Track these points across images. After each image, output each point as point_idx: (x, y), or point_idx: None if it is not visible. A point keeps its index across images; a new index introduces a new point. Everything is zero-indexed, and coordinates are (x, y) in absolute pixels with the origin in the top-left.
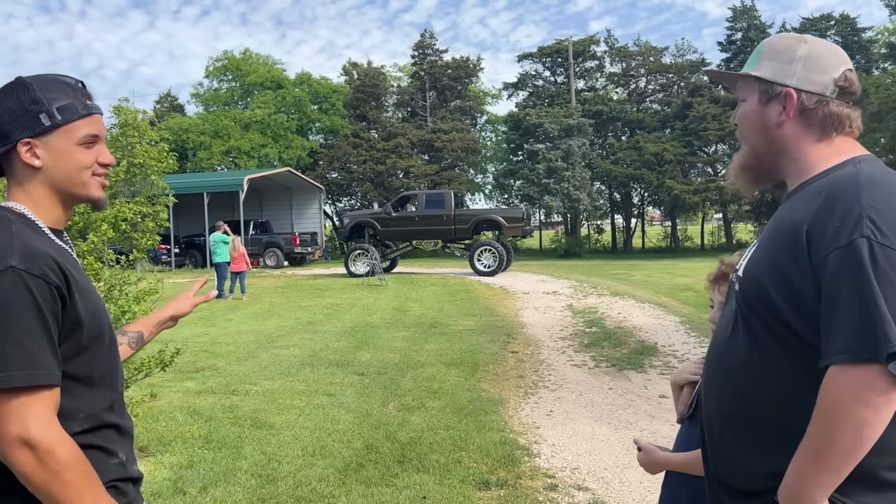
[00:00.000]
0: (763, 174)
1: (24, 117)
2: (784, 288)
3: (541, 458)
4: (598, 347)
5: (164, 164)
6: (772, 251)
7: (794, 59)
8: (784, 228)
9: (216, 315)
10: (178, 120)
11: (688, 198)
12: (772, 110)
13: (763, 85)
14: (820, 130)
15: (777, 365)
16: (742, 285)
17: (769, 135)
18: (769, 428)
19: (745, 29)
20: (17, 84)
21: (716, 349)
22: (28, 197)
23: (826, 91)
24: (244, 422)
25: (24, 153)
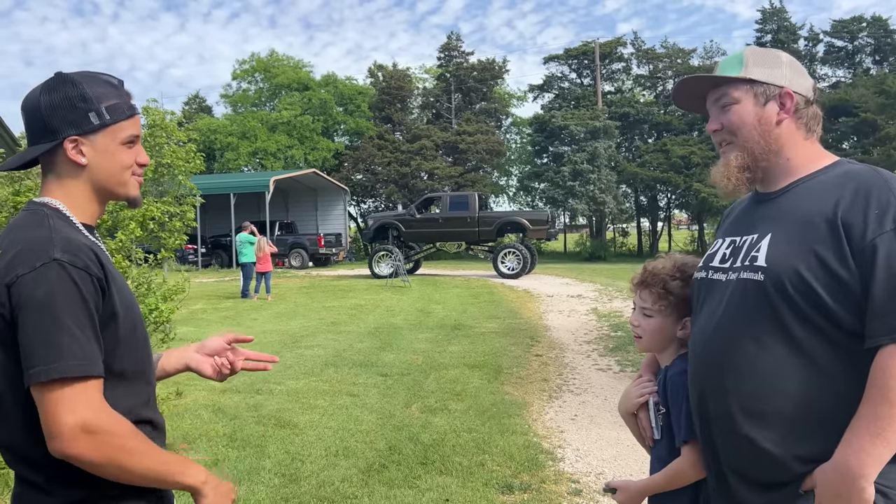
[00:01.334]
0: (758, 173)
1: (72, 114)
2: (824, 275)
3: (565, 462)
4: (623, 352)
5: (191, 164)
6: (803, 240)
7: (782, 64)
8: (810, 219)
9: (241, 314)
10: (206, 121)
11: (715, 201)
12: (770, 109)
13: (759, 87)
14: (806, 130)
15: (808, 353)
16: (770, 275)
17: (769, 133)
18: (799, 417)
19: (774, 31)
20: (63, 80)
21: (725, 347)
22: (65, 193)
23: (810, 94)
24: (268, 421)
25: (71, 151)
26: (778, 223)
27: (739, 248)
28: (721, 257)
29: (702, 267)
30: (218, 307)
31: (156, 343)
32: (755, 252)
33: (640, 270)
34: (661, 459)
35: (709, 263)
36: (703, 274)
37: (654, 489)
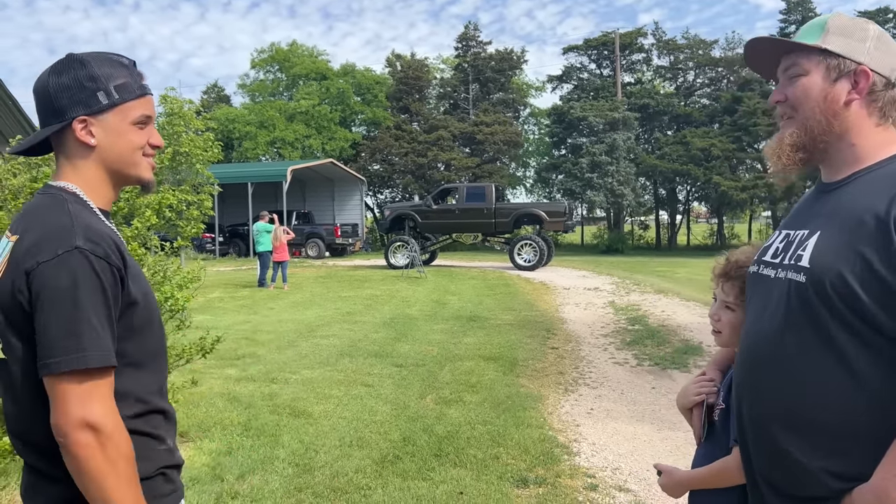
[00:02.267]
0: (816, 155)
1: (80, 94)
2: (869, 279)
3: (581, 456)
4: (640, 345)
5: (209, 153)
6: (850, 241)
7: (867, 38)
8: (861, 216)
9: (258, 303)
10: (224, 110)
11: (735, 195)
12: (841, 88)
13: (833, 59)
14: (879, 115)
15: (848, 362)
16: (812, 278)
17: (835, 113)
18: (835, 429)
19: (799, 22)
20: (73, 60)
21: (763, 348)
22: (80, 176)
23: (893, 75)
24: (283, 410)
25: (80, 131)
26: (830, 219)
27: (791, 244)
28: (774, 251)
29: (756, 260)
30: (235, 296)
31: (171, 331)
32: (801, 251)
33: (723, 261)
34: (704, 456)
35: (762, 257)
36: (755, 268)
37: (696, 482)
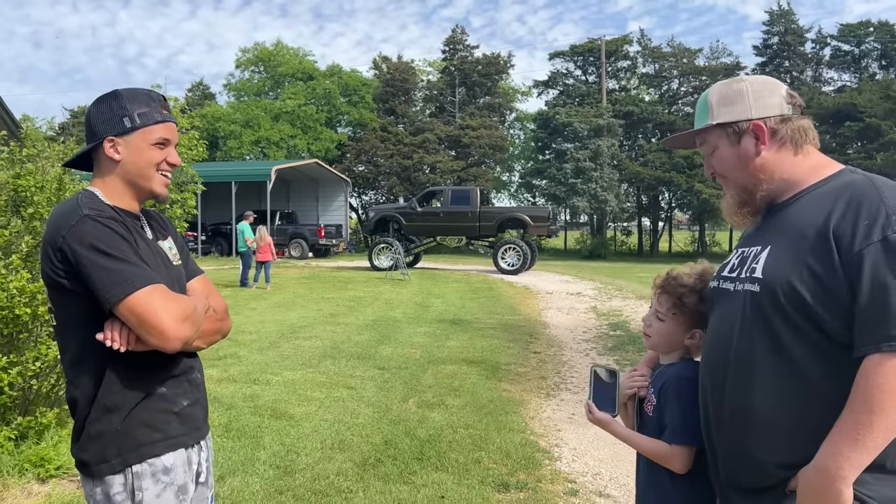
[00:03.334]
0: (759, 203)
1: (111, 119)
2: (815, 286)
3: (562, 461)
4: (622, 351)
5: (193, 151)
6: (796, 252)
7: (743, 96)
8: (804, 230)
9: (240, 304)
10: (209, 108)
11: (717, 203)
12: (746, 145)
13: (728, 128)
14: (793, 146)
15: (798, 363)
16: (765, 287)
17: (752, 167)
18: (788, 424)
19: (781, 33)
20: (112, 94)
21: (724, 353)
22: (102, 182)
23: (783, 110)
24: (264, 412)
25: (108, 148)
26: (778, 235)
27: (745, 259)
28: (730, 267)
29: (716, 276)
30: None
31: None
32: (755, 263)
33: (664, 275)
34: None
35: (720, 273)
36: (716, 283)
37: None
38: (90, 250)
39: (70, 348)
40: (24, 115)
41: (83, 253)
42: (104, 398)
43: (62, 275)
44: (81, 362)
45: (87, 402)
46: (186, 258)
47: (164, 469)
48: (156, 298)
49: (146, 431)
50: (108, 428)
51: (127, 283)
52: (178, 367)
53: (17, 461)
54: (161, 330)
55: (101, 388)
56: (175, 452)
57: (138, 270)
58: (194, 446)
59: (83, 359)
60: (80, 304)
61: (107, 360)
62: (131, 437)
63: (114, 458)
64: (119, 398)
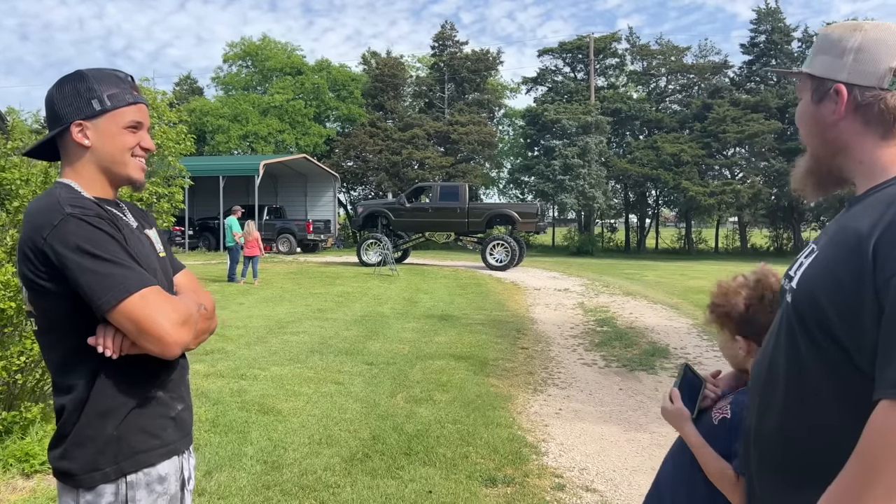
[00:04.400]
0: (827, 178)
1: (77, 102)
2: (839, 301)
3: (549, 456)
4: (608, 347)
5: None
6: (830, 262)
7: (846, 51)
8: (846, 239)
9: (227, 298)
10: (197, 102)
11: (703, 200)
12: (825, 109)
13: (815, 82)
14: (881, 127)
15: (816, 386)
16: (795, 296)
17: (826, 135)
18: (803, 453)
19: (768, 32)
20: (76, 74)
21: (761, 367)
22: (75, 172)
23: (882, 83)
24: (251, 407)
25: (76, 133)
26: (829, 238)
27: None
28: (797, 266)
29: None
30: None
31: None
32: (798, 270)
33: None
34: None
35: (788, 270)
36: (783, 281)
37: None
38: (77, 253)
39: (56, 351)
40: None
41: (69, 256)
42: (97, 402)
43: (44, 277)
44: (70, 365)
45: (76, 407)
46: (170, 253)
47: (158, 478)
48: (152, 302)
49: (143, 438)
50: (100, 434)
51: (120, 288)
52: (175, 370)
53: (2, 456)
54: (160, 336)
55: (94, 391)
56: (170, 460)
57: (131, 273)
58: (185, 452)
59: (72, 362)
60: (66, 307)
61: (100, 363)
62: (128, 444)
63: (108, 465)
64: (114, 402)
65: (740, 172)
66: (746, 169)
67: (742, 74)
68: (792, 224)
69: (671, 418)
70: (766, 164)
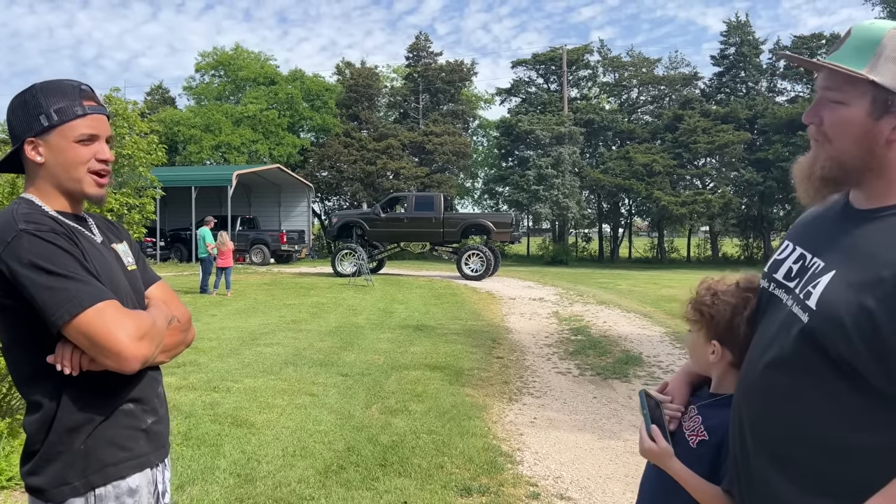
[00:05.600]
0: (845, 188)
1: (27, 119)
2: (872, 339)
3: (524, 465)
4: (583, 355)
5: (152, 156)
6: (860, 292)
7: None
8: (880, 269)
9: (200, 310)
10: (169, 112)
11: (675, 209)
12: (885, 125)
13: (881, 94)
14: None
15: (841, 404)
16: (815, 321)
17: (872, 151)
18: (821, 468)
19: (738, 44)
20: (26, 91)
21: (758, 374)
22: (37, 189)
23: None
24: (224, 419)
25: (29, 151)
26: (848, 258)
27: (805, 270)
28: (787, 272)
29: (766, 274)
30: None
31: None
32: (812, 287)
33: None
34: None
35: (773, 273)
36: (766, 284)
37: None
38: (30, 269)
39: (21, 369)
40: None
41: (22, 272)
42: (64, 418)
43: (2, 294)
44: (35, 382)
45: (44, 424)
46: (144, 265)
47: (128, 491)
48: (107, 316)
49: (112, 450)
50: (68, 448)
51: (73, 302)
52: (144, 382)
53: None
54: (117, 351)
55: (60, 408)
56: (142, 473)
57: (85, 287)
58: (159, 465)
59: (37, 378)
60: (25, 324)
61: (63, 380)
62: (95, 457)
63: (76, 479)
64: (81, 416)
65: (711, 182)
66: (717, 179)
67: (712, 86)
68: (762, 233)
69: (656, 458)
70: (736, 174)
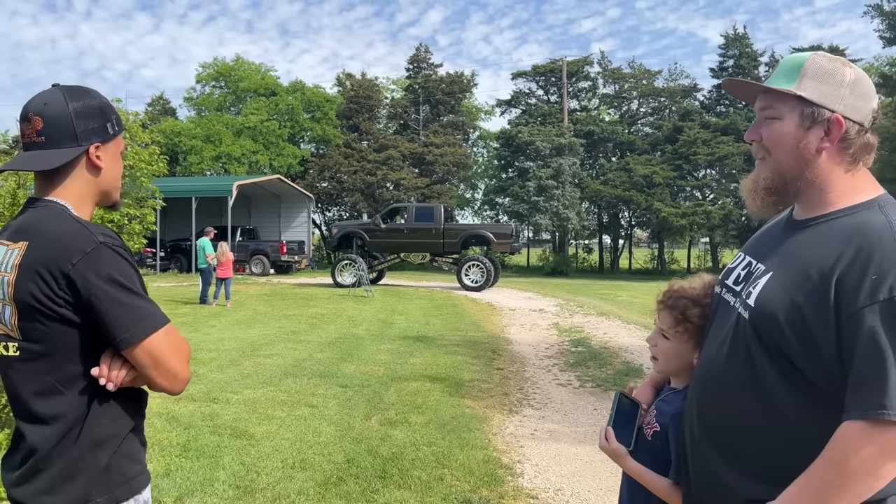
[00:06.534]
0: (787, 198)
1: (95, 122)
2: (801, 330)
3: (524, 477)
4: (583, 367)
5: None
6: (792, 289)
7: (843, 84)
8: (808, 269)
9: (199, 321)
10: (170, 123)
11: (675, 221)
12: (814, 135)
13: (808, 107)
14: (851, 161)
15: (777, 396)
16: (753, 316)
17: (803, 159)
18: (759, 455)
19: (736, 56)
20: (85, 91)
21: (709, 375)
22: (68, 194)
23: (866, 121)
24: (224, 431)
25: (94, 156)
26: (784, 262)
27: (750, 275)
28: (736, 277)
29: (720, 281)
30: (176, 312)
31: None
32: (752, 287)
33: (666, 288)
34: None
35: (725, 280)
36: (719, 290)
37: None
38: (108, 283)
39: (43, 379)
40: None
41: (99, 285)
42: (92, 432)
43: (61, 303)
44: (58, 394)
45: (63, 438)
46: None
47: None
48: (172, 339)
49: (131, 464)
50: (93, 465)
51: (147, 322)
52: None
53: None
54: (175, 373)
55: (88, 421)
56: (148, 486)
57: (153, 308)
58: None
59: (61, 391)
60: (75, 335)
61: (95, 392)
62: (119, 472)
63: (100, 496)
64: (110, 430)
65: (711, 194)
66: (717, 190)
67: (712, 98)
68: None
69: (611, 456)
70: (736, 185)
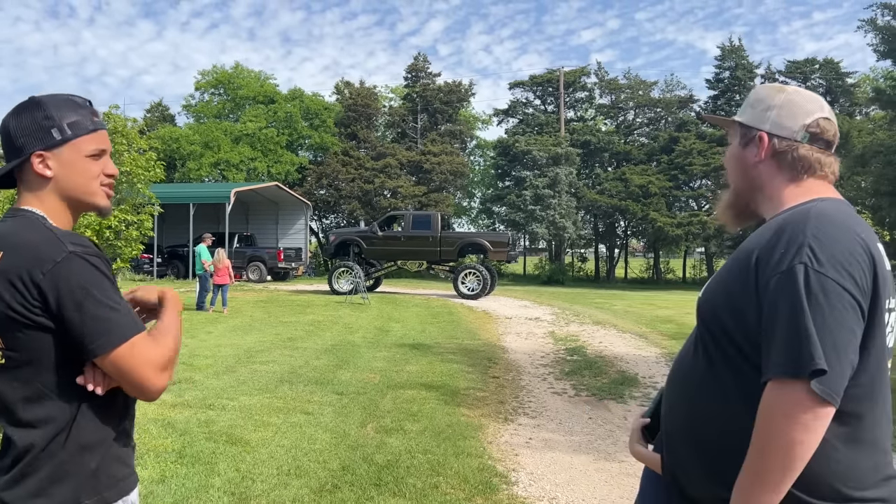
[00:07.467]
0: (744, 211)
1: (37, 132)
2: (731, 307)
3: (519, 486)
4: (578, 376)
5: (151, 173)
6: (725, 276)
7: (770, 107)
8: (738, 256)
9: (196, 327)
10: (168, 129)
11: (671, 231)
12: (749, 152)
13: (743, 129)
14: (791, 172)
15: (723, 385)
16: (700, 305)
17: (747, 174)
18: (714, 447)
19: (732, 68)
20: (31, 103)
21: (676, 363)
22: (42, 204)
23: (796, 136)
24: (219, 437)
25: (37, 164)
26: (730, 258)
27: None
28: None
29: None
30: None
31: None
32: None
33: None
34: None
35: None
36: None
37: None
38: (78, 293)
39: (29, 387)
40: None
41: (69, 296)
42: (80, 436)
43: (38, 312)
44: (44, 400)
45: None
46: None
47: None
48: (137, 350)
49: (119, 466)
50: (82, 468)
51: (113, 335)
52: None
53: None
54: (141, 385)
55: (75, 425)
56: (136, 488)
57: (123, 318)
58: None
59: (47, 396)
60: (52, 343)
61: (82, 397)
62: (107, 475)
63: (89, 498)
64: (98, 434)
65: (706, 204)
66: (712, 200)
67: (707, 109)
68: None
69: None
70: None
